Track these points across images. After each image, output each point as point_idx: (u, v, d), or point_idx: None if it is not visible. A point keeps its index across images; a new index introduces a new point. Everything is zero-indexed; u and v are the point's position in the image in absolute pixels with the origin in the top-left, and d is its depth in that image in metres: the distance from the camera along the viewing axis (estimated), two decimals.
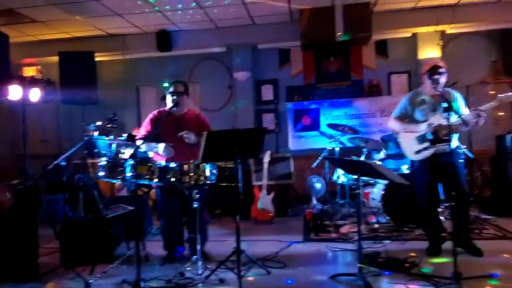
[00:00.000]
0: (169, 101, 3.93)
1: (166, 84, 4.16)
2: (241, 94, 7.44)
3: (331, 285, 3.24)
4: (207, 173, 3.58)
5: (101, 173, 3.52)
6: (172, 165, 3.53)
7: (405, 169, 5.02)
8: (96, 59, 7.03)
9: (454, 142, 3.76)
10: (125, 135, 3.81)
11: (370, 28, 6.39)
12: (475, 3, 6.48)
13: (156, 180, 3.48)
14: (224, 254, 3.61)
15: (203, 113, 4.51)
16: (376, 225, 4.79)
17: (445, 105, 3.31)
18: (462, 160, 4.86)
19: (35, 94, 5.53)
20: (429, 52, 6.96)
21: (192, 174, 3.51)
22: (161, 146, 3.77)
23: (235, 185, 3.72)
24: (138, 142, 3.90)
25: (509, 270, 3.39)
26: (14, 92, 5.21)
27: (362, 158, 5.13)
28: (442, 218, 4.29)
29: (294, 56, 7.50)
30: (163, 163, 3.59)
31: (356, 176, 3.39)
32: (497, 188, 5.77)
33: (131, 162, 3.31)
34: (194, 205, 3.50)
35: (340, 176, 5.54)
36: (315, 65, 7.45)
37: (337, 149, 5.74)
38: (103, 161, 3.50)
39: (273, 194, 5.76)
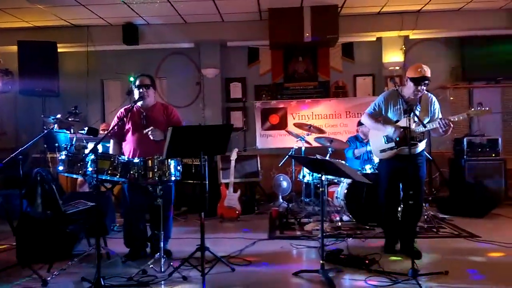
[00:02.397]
0: (136, 94, 3.84)
1: (132, 78, 4.07)
2: (209, 91, 7.40)
3: (294, 281, 3.28)
4: (172, 169, 3.53)
5: (61, 168, 3.42)
6: (136, 160, 3.47)
7: (368, 169, 5.14)
8: (59, 50, 6.79)
9: (421, 146, 3.83)
10: (86, 128, 3.69)
11: (337, 30, 6.52)
12: (437, 10, 6.74)
13: (118, 175, 3.40)
14: (188, 251, 3.57)
15: None
16: (339, 223, 4.88)
17: (406, 107, 3.38)
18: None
19: None
20: (393, 56, 7.18)
21: (156, 170, 3.45)
22: None
23: (202, 182, 3.70)
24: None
25: (462, 267, 3.53)
26: None
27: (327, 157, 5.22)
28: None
29: (262, 55, 7.54)
30: (126, 158, 3.51)
31: (320, 175, 3.45)
32: (454, 189, 6.02)
33: (92, 156, 3.22)
34: (158, 202, 3.44)
35: (306, 175, 5.62)
36: (283, 65, 7.53)
37: (303, 148, 5.82)
38: (63, 155, 3.39)
39: (239, 192, 5.76)
